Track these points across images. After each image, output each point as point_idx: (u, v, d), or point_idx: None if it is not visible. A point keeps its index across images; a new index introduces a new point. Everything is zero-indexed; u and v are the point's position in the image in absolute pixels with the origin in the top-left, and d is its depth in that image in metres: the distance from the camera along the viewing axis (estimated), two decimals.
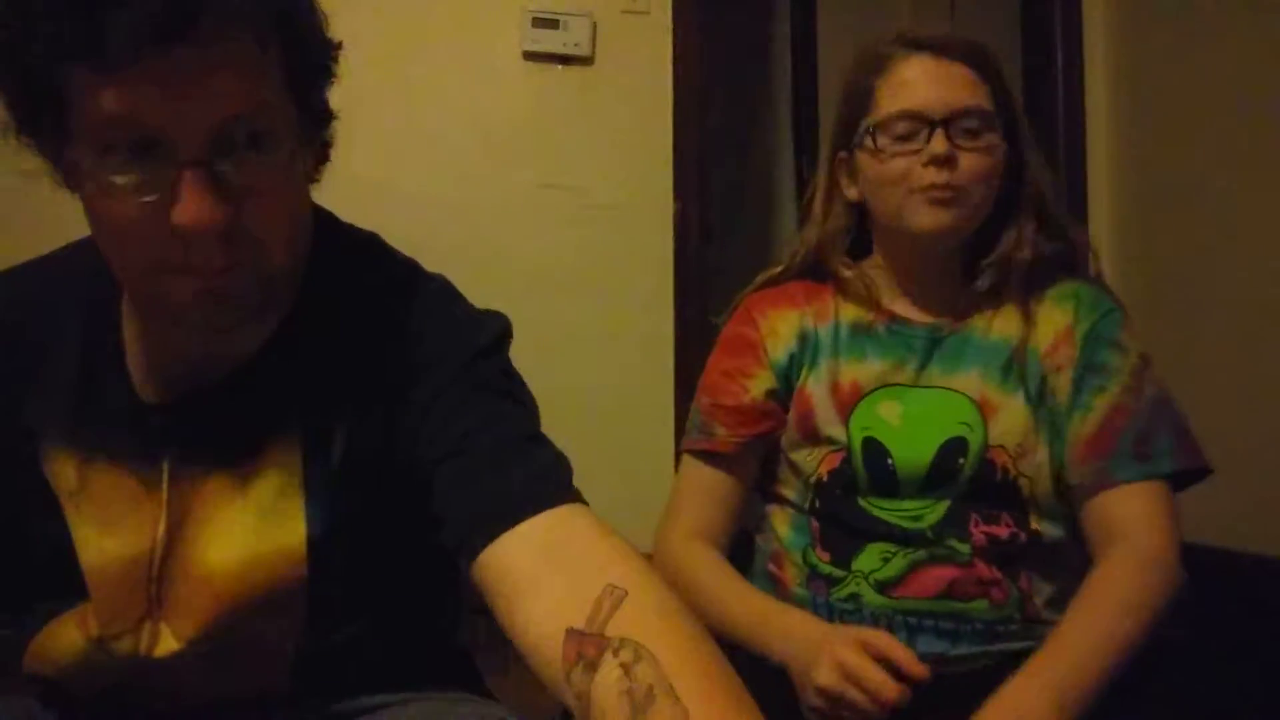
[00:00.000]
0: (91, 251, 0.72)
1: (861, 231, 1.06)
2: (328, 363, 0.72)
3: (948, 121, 0.91)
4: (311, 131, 0.66)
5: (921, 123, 0.92)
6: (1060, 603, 0.93)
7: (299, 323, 0.72)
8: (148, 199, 0.57)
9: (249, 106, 0.58)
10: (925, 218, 0.93)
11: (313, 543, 0.70)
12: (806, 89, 3.20)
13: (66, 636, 0.71)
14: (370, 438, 0.71)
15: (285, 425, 0.71)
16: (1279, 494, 2.05)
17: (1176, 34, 2.36)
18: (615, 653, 0.54)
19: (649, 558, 0.92)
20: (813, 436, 0.98)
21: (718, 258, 2.60)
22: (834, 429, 0.96)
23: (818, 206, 1.04)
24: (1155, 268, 2.44)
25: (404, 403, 0.71)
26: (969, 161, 0.92)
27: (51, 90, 0.56)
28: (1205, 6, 2.27)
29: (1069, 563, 0.94)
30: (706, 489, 1.02)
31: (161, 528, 0.69)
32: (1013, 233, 0.97)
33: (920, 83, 0.93)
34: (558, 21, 2.38)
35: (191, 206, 0.56)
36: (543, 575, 0.59)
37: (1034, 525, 0.93)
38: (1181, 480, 0.92)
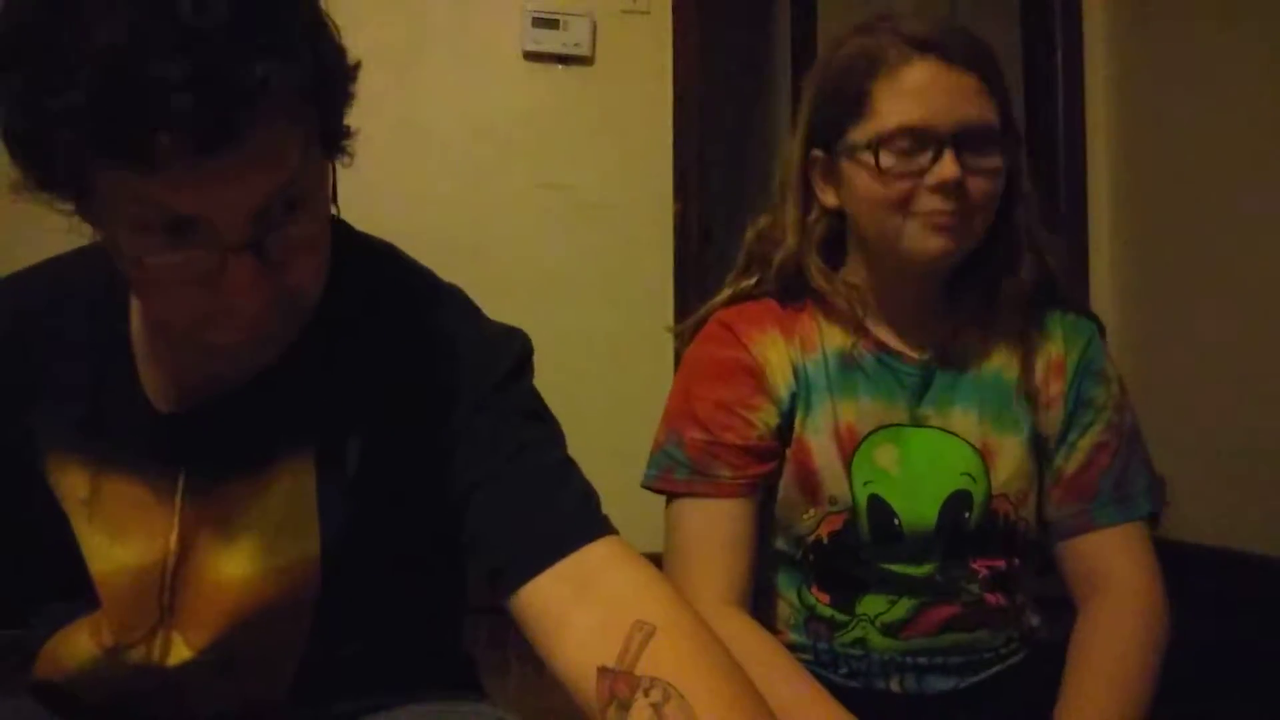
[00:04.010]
0: (99, 258, 0.70)
1: (836, 242, 0.95)
2: (346, 375, 0.71)
3: (957, 139, 0.82)
4: (333, 154, 0.66)
5: (928, 139, 0.82)
6: (1035, 602, 0.94)
7: (317, 335, 0.71)
8: (195, 274, 0.57)
9: (287, 181, 0.58)
10: (927, 244, 0.84)
11: (326, 556, 0.70)
12: (802, 87, 3.20)
13: (79, 644, 0.71)
14: (388, 453, 0.71)
15: (299, 437, 0.70)
16: (1279, 494, 2.05)
17: (1176, 34, 2.36)
18: (646, 693, 0.56)
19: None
20: (813, 495, 0.88)
21: (718, 258, 2.60)
22: (837, 487, 0.88)
23: (791, 209, 0.92)
24: (1155, 270, 2.44)
25: (429, 423, 0.71)
26: (976, 184, 0.83)
27: (75, 171, 0.55)
28: (1205, 7, 2.27)
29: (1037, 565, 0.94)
30: (723, 540, 0.87)
31: (174, 537, 0.69)
32: (1005, 252, 0.89)
33: (928, 93, 0.83)
34: (558, 21, 2.39)
35: (240, 287, 0.57)
36: (577, 611, 0.62)
37: (1024, 553, 0.92)
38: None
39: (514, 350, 0.75)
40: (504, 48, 2.40)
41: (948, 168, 0.81)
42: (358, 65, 0.63)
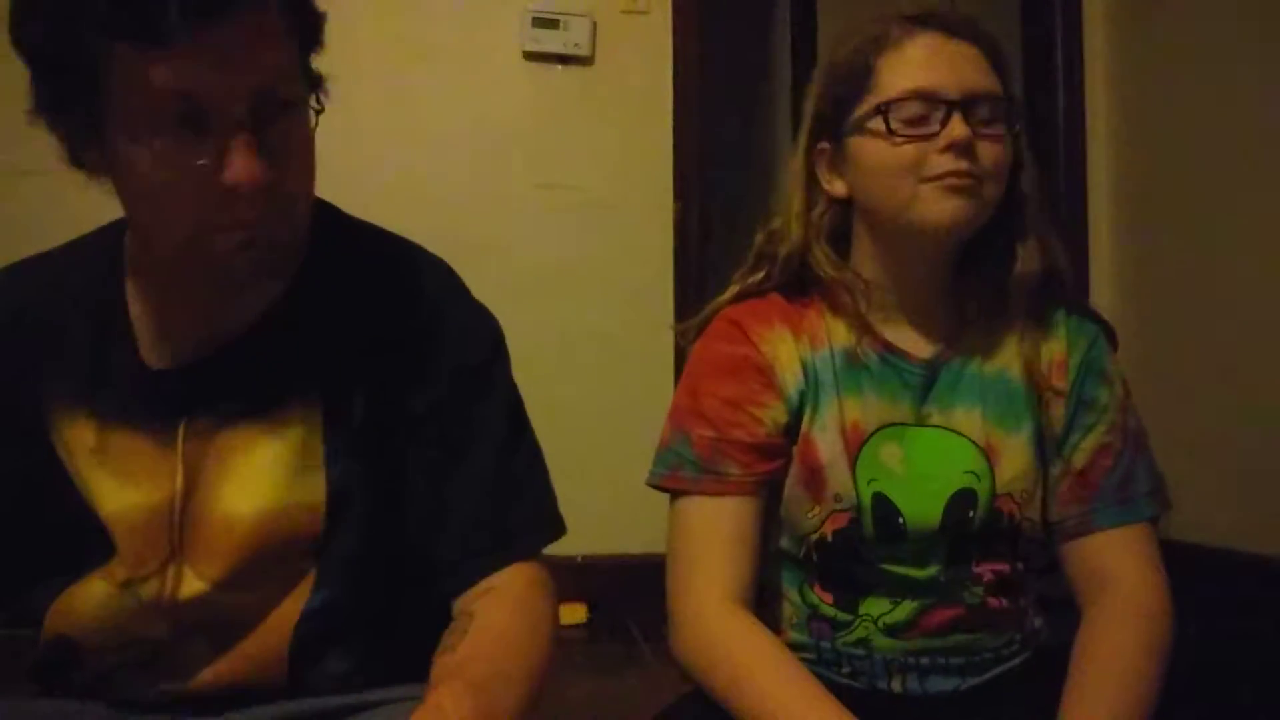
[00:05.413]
0: (90, 242, 0.82)
1: (840, 237, 0.94)
2: (339, 328, 0.77)
3: (964, 104, 0.82)
4: (313, 93, 0.72)
5: (935, 104, 0.83)
6: (1039, 604, 0.94)
7: (303, 289, 0.77)
8: (200, 163, 0.63)
9: (282, 75, 0.65)
10: (940, 208, 0.83)
11: (332, 499, 0.75)
12: (806, 89, 3.20)
13: (93, 588, 0.75)
14: (388, 403, 0.77)
15: (303, 385, 0.76)
16: (1279, 494, 2.05)
17: (1177, 33, 2.36)
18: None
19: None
20: (818, 492, 0.88)
21: (718, 258, 2.60)
22: (843, 485, 0.87)
23: (797, 202, 0.93)
24: (1156, 269, 2.44)
25: (416, 388, 0.77)
26: (986, 150, 0.83)
27: (88, 70, 0.61)
28: (1205, 6, 2.27)
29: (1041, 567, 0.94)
30: (729, 538, 0.87)
31: (179, 480, 0.74)
32: (1012, 239, 0.89)
33: (932, 60, 0.84)
34: (558, 21, 2.38)
35: (244, 169, 0.63)
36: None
37: (1029, 555, 0.92)
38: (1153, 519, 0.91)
39: (493, 332, 0.82)
40: (504, 48, 2.40)
41: (958, 128, 0.82)
42: (324, 15, 0.71)
